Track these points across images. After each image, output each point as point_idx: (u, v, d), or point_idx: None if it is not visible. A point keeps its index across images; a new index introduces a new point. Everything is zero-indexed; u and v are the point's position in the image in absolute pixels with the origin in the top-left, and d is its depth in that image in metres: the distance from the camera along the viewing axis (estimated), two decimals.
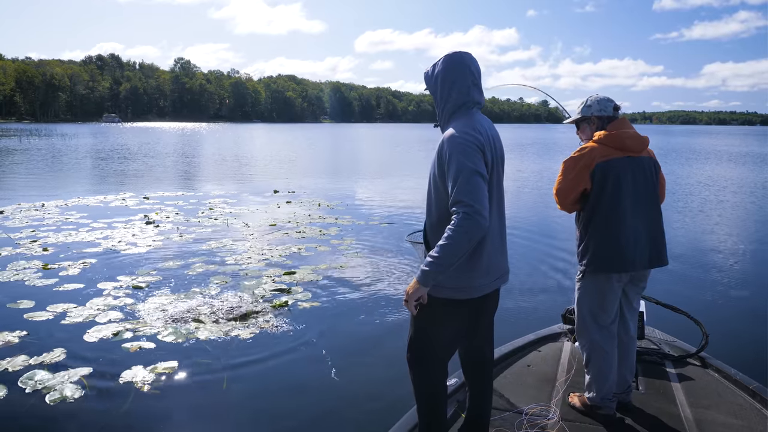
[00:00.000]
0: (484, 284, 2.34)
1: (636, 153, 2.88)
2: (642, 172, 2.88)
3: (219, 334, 4.89)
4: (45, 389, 3.86)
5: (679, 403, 3.14)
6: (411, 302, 2.23)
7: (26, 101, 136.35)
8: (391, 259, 7.59)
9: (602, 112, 3.00)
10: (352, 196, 14.50)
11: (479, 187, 2.14)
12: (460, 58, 2.38)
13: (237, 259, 7.43)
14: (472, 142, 2.21)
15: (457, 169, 2.16)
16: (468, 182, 2.13)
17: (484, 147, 2.24)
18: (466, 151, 2.19)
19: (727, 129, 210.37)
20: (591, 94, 3.07)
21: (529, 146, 39.19)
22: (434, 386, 2.44)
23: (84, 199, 12.94)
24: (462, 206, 2.11)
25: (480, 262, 2.30)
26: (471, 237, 2.10)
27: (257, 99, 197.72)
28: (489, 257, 2.33)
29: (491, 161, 2.29)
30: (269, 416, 3.67)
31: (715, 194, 15.39)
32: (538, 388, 3.33)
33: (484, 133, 2.28)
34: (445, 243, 2.11)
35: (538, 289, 6.40)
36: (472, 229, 2.09)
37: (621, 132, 2.87)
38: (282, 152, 35.11)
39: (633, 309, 3.06)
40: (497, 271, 2.40)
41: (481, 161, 2.20)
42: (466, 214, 2.09)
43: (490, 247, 2.34)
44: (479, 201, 2.11)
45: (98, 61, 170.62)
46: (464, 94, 2.35)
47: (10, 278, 6.41)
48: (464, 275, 2.28)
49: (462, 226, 2.09)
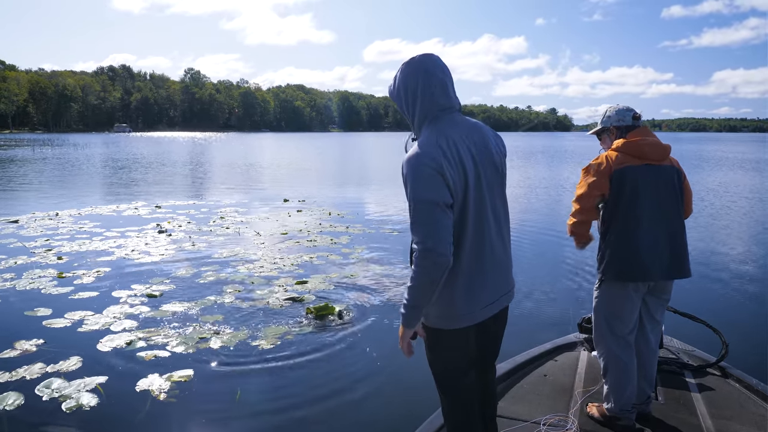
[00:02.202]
0: (475, 312, 2.13)
1: (656, 161, 2.87)
2: (663, 180, 2.85)
3: (233, 342, 4.90)
4: (62, 397, 3.88)
5: (700, 414, 3.10)
6: (404, 344, 2.15)
7: (39, 112, 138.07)
8: (402, 267, 7.58)
9: (621, 122, 3.01)
10: (362, 204, 14.52)
11: (432, 220, 1.94)
12: (418, 63, 2.13)
13: (249, 268, 7.45)
14: (428, 165, 1.97)
15: (410, 200, 1.99)
16: (420, 214, 1.95)
17: (443, 168, 1.97)
18: (420, 178, 1.97)
19: (738, 136, 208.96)
20: (612, 105, 3.10)
21: (538, 154, 39.14)
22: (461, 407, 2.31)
23: (97, 208, 13.05)
24: (416, 243, 1.97)
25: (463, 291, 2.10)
26: (431, 275, 1.95)
27: (266, 108, 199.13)
28: (482, 283, 2.13)
29: (464, 177, 2.03)
30: (284, 425, 3.66)
31: (731, 201, 15.26)
32: (556, 398, 3.31)
33: (450, 147, 2.03)
34: (410, 284, 2.00)
35: (552, 297, 6.37)
36: (428, 268, 1.94)
37: (640, 140, 2.86)
38: (291, 161, 35.26)
39: (654, 321, 3.02)
40: (495, 294, 2.18)
41: (439, 187, 1.96)
42: (420, 252, 1.94)
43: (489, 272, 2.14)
44: (432, 236, 1.93)
45: (110, 71, 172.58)
46: (428, 101, 2.11)
47: (26, 286, 6.46)
48: (449, 307, 2.11)
49: (419, 266, 1.95)
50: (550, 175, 24.00)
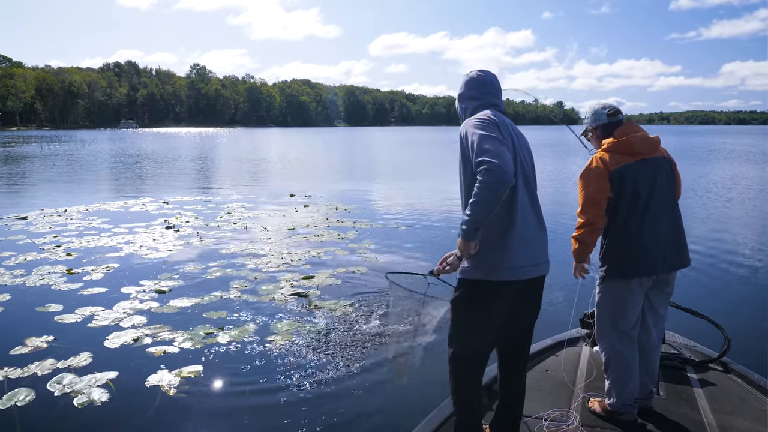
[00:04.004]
0: (516, 266, 2.41)
1: (648, 155, 2.89)
2: (658, 173, 2.88)
3: (241, 337, 4.96)
4: (73, 393, 3.95)
5: (702, 409, 3.13)
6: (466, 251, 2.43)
7: (46, 108, 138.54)
8: (410, 262, 7.62)
9: (597, 122, 3.05)
10: (369, 199, 14.54)
11: (495, 146, 2.27)
12: (476, 75, 2.69)
13: (257, 263, 7.51)
14: (487, 119, 2.41)
15: (474, 140, 2.33)
16: (483, 144, 2.28)
17: (499, 126, 2.40)
18: (480, 125, 2.37)
19: (748, 129, 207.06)
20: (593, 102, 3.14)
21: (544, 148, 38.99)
22: (472, 379, 2.54)
23: (105, 204, 13.15)
24: (481, 165, 2.23)
25: (508, 242, 2.40)
26: (494, 189, 2.20)
27: (272, 104, 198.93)
28: (520, 242, 2.42)
29: (513, 146, 2.43)
30: (293, 418, 3.71)
31: (736, 194, 15.19)
32: (557, 393, 3.34)
33: (501, 121, 2.47)
34: (473, 200, 2.25)
35: (554, 292, 6.38)
36: (492, 181, 2.19)
37: (629, 137, 2.87)
38: (297, 156, 35.30)
39: (657, 315, 3.04)
40: (532, 258, 2.46)
41: (496, 131, 2.36)
42: (486, 169, 2.20)
43: (523, 232, 2.43)
44: (496, 156, 2.22)
45: (116, 68, 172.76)
46: (481, 97, 2.63)
47: (36, 283, 6.55)
48: (495, 253, 2.40)
49: (484, 181, 2.20)
50: (556, 168, 23.91)
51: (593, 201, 2.84)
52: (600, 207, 2.84)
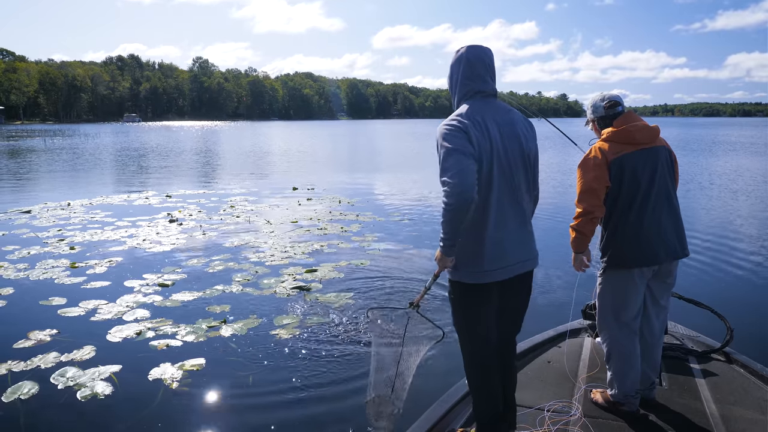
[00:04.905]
0: (494, 270, 2.41)
1: (648, 144, 2.87)
2: (658, 163, 2.86)
3: (243, 330, 4.97)
4: (76, 386, 3.97)
5: (704, 399, 3.12)
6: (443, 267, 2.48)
7: (49, 102, 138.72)
8: (412, 255, 7.62)
9: (596, 113, 3.06)
10: (372, 192, 14.54)
11: (457, 161, 2.24)
12: (462, 53, 2.54)
13: (260, 257, 7.52)
14: (454, 126, 2.35)
15: (440, 154, 2.31)
16: (445, 162, 2.26)
17: (468, 128, 2.34)
18: (447, 135, 2.33)
19: (753, 121, 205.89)
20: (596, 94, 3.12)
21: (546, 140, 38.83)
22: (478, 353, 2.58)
23: (108, 198, 13.17)
24: (442, 186, 2.24)
25: (485, 248, 2.40)
26: (455, 211, 2.21)
27: (274, 97, 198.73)
28: (499, 244, 2.41)
29: (489, 145, 2.36)
30: (296, 411, 3.72)
31: (740, 186, 15.12)
32: (559, 384, 3.34)
33: (477, 120, 2.38)
34: (441, 220, 2.29)
35: (556, 283, 6.38)
36: (452, 203, 2.20)
37: (629, 126, 2.86)
38: (300, 149, 35.28)
39: (659, 306, 3.02)
40: (513, 258, 2.45)
41: (462, 139, 2.31)
42: (446, 191, 2.22)
43: (502, 234, 2.41)
44: (456, 175, 2.20)
45: (119, 61, 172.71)
46: (464, 85, 2.52)
47: (39, 276, 6.57)
48: (471, 260, 2.42)
49: (445, 203, 2.23)
50: (557, 161, 23.83)
51: (591, 190, 2.83)
52: (598, 196, 2.82)
